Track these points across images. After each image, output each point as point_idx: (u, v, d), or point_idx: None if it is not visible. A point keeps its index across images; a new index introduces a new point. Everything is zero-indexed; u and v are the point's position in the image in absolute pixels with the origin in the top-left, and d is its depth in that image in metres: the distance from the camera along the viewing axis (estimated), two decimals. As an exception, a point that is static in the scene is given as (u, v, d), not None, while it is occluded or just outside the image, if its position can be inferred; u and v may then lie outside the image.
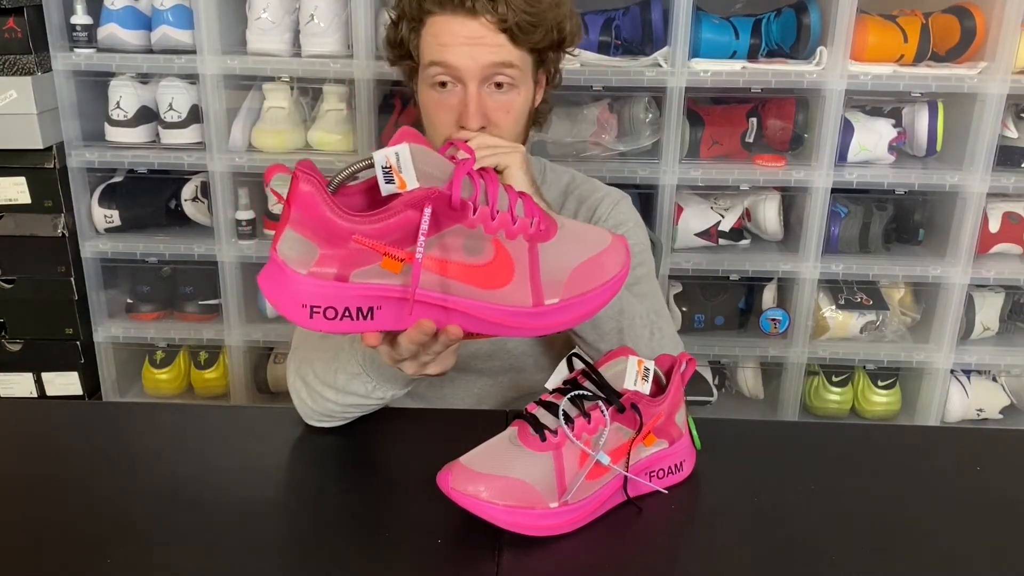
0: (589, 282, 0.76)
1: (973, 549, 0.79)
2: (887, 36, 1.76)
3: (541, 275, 0.74)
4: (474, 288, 0.72)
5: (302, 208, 0.67)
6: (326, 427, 0.98)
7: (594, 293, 0.76)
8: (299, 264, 0.68)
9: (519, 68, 1.07)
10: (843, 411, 2.05)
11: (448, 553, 0.77)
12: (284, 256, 0.68)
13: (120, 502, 0.84)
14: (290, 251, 0.68)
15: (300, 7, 1.78)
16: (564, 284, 0.75)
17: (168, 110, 1.85)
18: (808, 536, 0.81)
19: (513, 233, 0.73)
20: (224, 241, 1.90)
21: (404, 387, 0.94)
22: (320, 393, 0.95)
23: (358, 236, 0.67)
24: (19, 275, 1.92)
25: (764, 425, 1.26)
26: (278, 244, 0.69)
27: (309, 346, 1.00)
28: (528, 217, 0.74)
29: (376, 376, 0.92)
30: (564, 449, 0.78)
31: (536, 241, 0.74)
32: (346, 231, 0.67)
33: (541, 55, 1.11)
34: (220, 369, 2.06)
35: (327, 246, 0.68)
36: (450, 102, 1.06)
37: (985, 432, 1.36)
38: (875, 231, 1.92)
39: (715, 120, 1.89)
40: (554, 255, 0.75)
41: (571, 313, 0.76)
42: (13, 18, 1.77)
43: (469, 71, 1.04)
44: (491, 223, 0.72)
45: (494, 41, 1.04)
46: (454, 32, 1.04)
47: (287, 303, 0.69)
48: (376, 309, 0.71)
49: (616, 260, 0.78)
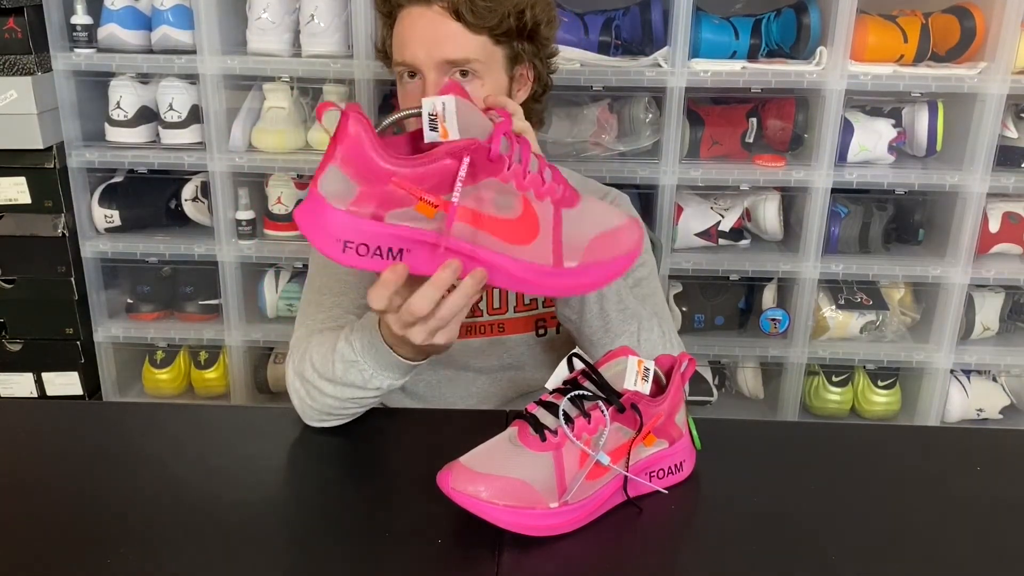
0: (605, 252, 0.79)
1: (973, 549, 0.80)
2: (887, 36, 1.76)
3: (563, 238, 0.77)
4: (501, 241, 0.75)
5: (347, 146, 0.70)
6: (326, 427, 0.98)
7: (609, 263, 0.80)
8: (338, 200, 0.71)
9: (480, 61, 1.06)
10: (843, 411, 2.05)
11: (448, 553, 0.77)
12: (324, 191, 0.71)
13: (120, 502, 0.84)
14: (330, 187, 0.71)
15: (300, 7, 1.78)
16: (583, 250, 0.78)
17: (168, 110, 1.85)
18: (808, 536, 0.81)
19: (542, 194, 0.76)
20: (224, 241, 1.90)
21: (401, 376, 0.93)
22: (319, 388, 0.95)
23: (397, 178, 0.70)
24: (19, 275, 1.92)
25: (764, 425, 1.26)
26: (319, 179, 0.71)
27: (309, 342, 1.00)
28: (556, 183, 0.78)
29: (373, 363, 0.91)
30: (564, 449, 0.78)
31: (561, 206, 0.78)
32: (386, 173, 0.70)
33: (508, 46, 1.10)
34: (220, 369, 2.06)
35: (366, 185, 0.71)
36: (416, 93, 1.08)
37: (985, 432, 1.36)
38: (875, 231, 1.92)
39: (715, 120, 1.89)
40: (576, 222, 0.79)
41: (586, 278, 0.79)
42: (13, 18, 1.77)
43: (425, 64, 1.05)
44: (523, 181, 0.75)
45: (449, 31, 1.05)
46: (413, 27, 1.06)
47: (322, 237, 0.72)
48: (406, 251, 0.74)
49: (631, 238, 0.81)
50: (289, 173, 1.90)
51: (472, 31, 1.05)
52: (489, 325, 1.17)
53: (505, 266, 0.76)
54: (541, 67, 1.17)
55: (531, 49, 1.12)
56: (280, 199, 1.92)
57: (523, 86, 1.15)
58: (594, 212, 0.81)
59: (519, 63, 1.12)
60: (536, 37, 1.12)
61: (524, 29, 1.10)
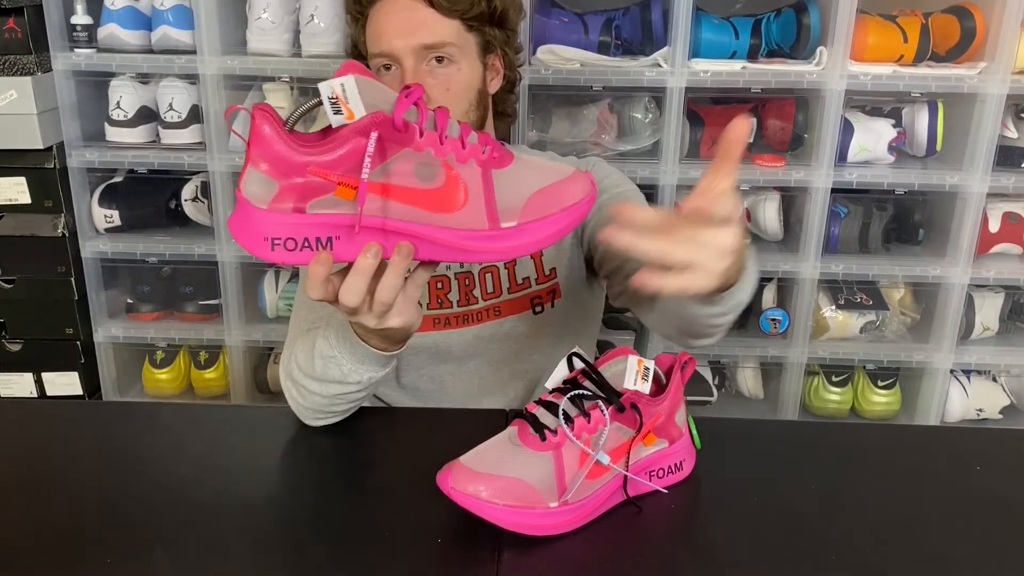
0: (548, 207, 0.75)
1: (973, 549, 0.80)
2: (887, 36, 1.76)
3: (497, 200, 0.74)
4: (427, 212, 0.73)
5: (260, 146, 0.70)
6: (324, 425, 0.98)
7: (555, 217, 0.75)
8: (260, 200, 0.71)
9: (455, 45, 1.10)
10: (843, 411, 2.05)
11: (448, 553, 0.77)
12: (247, 194, 0.71)
13: (120, 502, 0.84)
14: (252, 188, 0.71)
15: (300, 7, 1.78)
16: (521, 210, 0.75)
17: (168, 110, 1.85)
18: (808, 536, 0.81)
19: (464, 157, 0.74)
20: (224, 241, 1.90)
21: (381, 368, 0.93)
22: (306, 387, 0.95)
23: (313, 167, 0.70)
24: (19, 275, 1.92)
25: (764, 425, 1.26)
26: (241, 183, 0.71)
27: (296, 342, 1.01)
28: (481, 145, 0.75)
29: (349, 356, 0.91)
30: (564, 449, 0.78)
31: (490, 167, 0.75)
32: (301, 164, 0.70)
33: (480, 33, 1.14)
34: (220, 369, 2.06)
35: (285, 180, 0.70)
36: (392, 84, 1.09)
37: (985, 432, 1.36)
38: (875, 231, 1.92)
39: (715, 120, 1.89)
40: (510, 182, 0.75)
41: (531, 235, 0.75)
42: (13, 18, 1.77)
43: (402, 51, 1.08)
44: (440, 147, 0.73)
45: (422, 18, 1.08)
46: (388, 18, 1.09)
47: (250, 238, 0.72)
48: (335, 239, 0.72)
49: (579, 189, 0.77)
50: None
51: (445, 15, 1.09)
52: (486, 311, 1.17)
53: (436, 236, 0.73)
54: (512, 56, 1.22)
55: (501, 37, 1.17)
56: (280, 199, 1.92)
57: (496, 75, 1.20)
58: (533, 168, 0.77)
59: (491, 51, 1.17)
60: (505, 23, 1.17)
61: (494, 14, 1.14)
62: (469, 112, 1.14)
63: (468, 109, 1.14)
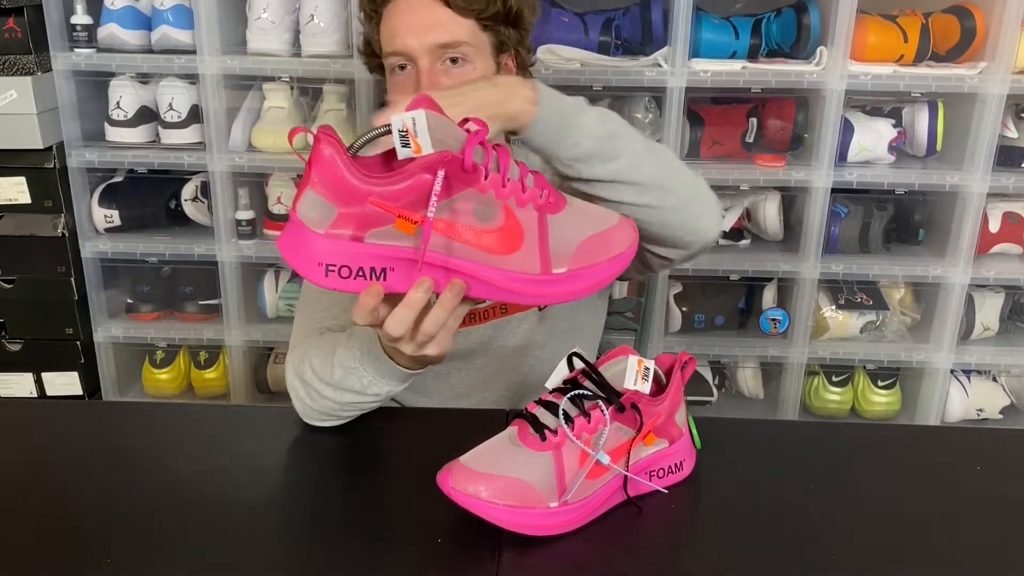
0: (597, 255, 0.77)
1: (973, 549, 0.79)
2: (887, 36, 1.76)
3: (550, 245, 0.76)
4: (483, 253, 0.74)
5: (322, 170, 0.69)
6: (326, 426, 0.98)
7: (602, 266, 0.78)
8: (317, 224, 0.71)
9: (471, 44, 1.09)
10: (843, 411, 2.05)
11: (448, 553, 0.77)
12: (303, 216, 0.71)
13: (120, 502, 0.84)
14: (309, 212, 0.71)
15: (300, 7, 1.78)
16: (572, 255, 0.76)
17: (168, 110, 1.85)
18: (808, 536, 0.81)
19: (523, 201, 0.75)
20: (224, 241, 1.90)
21: (400, 383, 0.93)
22: (318, 391, 0.95)
23: (374, 198, 0.70)
24: (19, 275, 1.92)
25: (764, 425, 1.26)
26: (298, 205, 0.71)
27: (308, 343, 1.00)
28: (538, 188, 0.76)
29: (372, 370, 0.91)
30: (564, 449, 0.78)
31: (545, 212, 0.76)
32: (363, 193, 0.70)
33: (495, 32, 1.12)
34: (220, 369, 2.06)
35: (345, 207, 0.70)
36: (407, 84, 1.09)
37: (985, 432, 1.36)
38: (875, 231, 1.92)
39: (715, 120, 1.89)
40: (562, 227, 0.77)
41: (579, 283, 0.77)
42: (13, 18, 1.77)
43: (418, 51, 1.07)
44: (502, 189, 0.74)
45: (438, 17, 1.07)
46: (402, 17, 1.08)
47: (304, 262, 0.72)
48: (389, 271, 0.73)
49: (624, 238, 0.79)
50: (289, 173, 1.90)
51: (461, 14, 1.08)
52: (492, 309, 1.17)
53: (489, 277, 0.74)
54: (524, 56, 1.20)
55: (515, 36, 1.15)
56: (280, 199, 1.92)
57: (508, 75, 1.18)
58: (583, 215, 0.79)
59: (504, 51, 1.15)
60: (520, 23, 1.15)
61: (510, 13, 1.12)
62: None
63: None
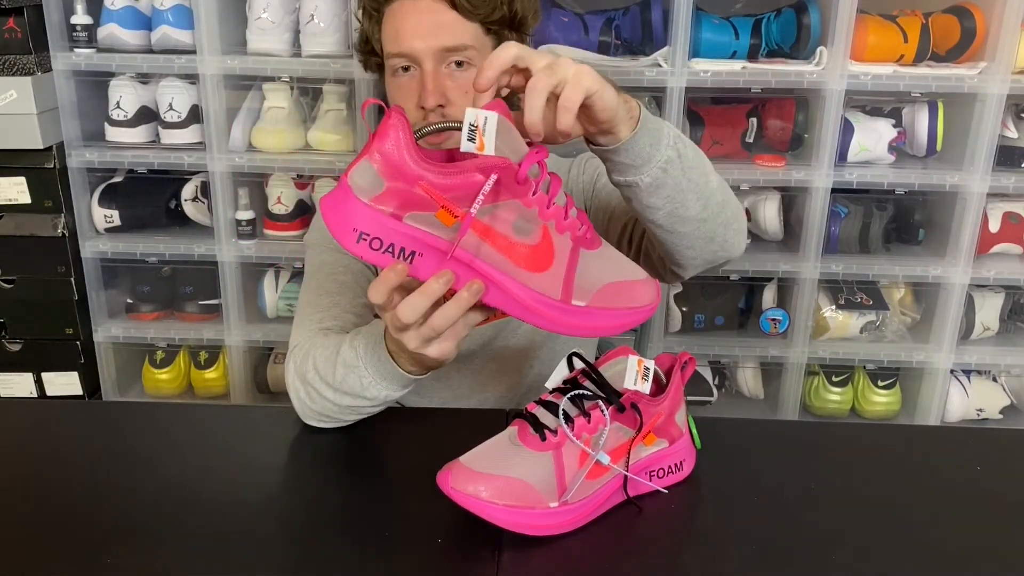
0: (618, 300, 0.78)
1: (973, 549, 0.80)
2: (887, 36, 1.76)
3: (576, 276, 0.76)
4: (512, 263, 0.75)
5: (383, 143, 0.71)
6: (325, 427, 0.98)
7: (620, 312, 0.78)
8: (364, 193, 0.72)
9: (475, 48, 1.09)
10: (843, 411, 2.05)
11: (448, 553, 0.77)
12: (352, 182, 0.73)
13: (120, 502, 0.84)
14: (360, 179, 0.72)
15: (300, 7, 1.78)
16: (594, 293, 0.77)
17: (168, 110, 1.85)
18: (808, 535, 0.81)
19: (563, 228, 0.76)
20: (224, 241, 1.90)
21: (399, 388, 0.93)
22: (318, 391, 0.95)
23: (424, 183, 0.72)
24: (19, 275, 1.92)
25: (764, 425, 1.26)
26: (351, 171, 0.72)
27: (313, 343, 1.00)
28: (580, 222, 0.78)
29: (373, 370, 0.91)
30: (564, 449, 0.78)
31: (580, 245, 0.77)
32: (415, 175, 0.72)
33: (498, 36, 1.12)
34: (220, 369, 2.06)
35: (394, 183, 0.72)
36: (411, 86, 1.09)
37: (985, 432, 1.36)
38: (875, 231, 1.92)
39: (715, 120, 1.89)
40: (592, 264, 0.78)
41: (593, 320, 0.77)
42: (13, 18, 1.77)
43: (423, 53, 1.07)
44: (546, 210, 0.75)
45: (445, 20, 1.07)
46: (407, 19, 1.08)
47: (341, 224, 0.73)
48: (417, 255, 0.74)
49: (647, 294, 0.79)
50: (289, 173, 1.90)
51: (467, 18, 1.08)
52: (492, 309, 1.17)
53: (510, 288, 0.75)
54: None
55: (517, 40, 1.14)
56: (280, 199, 1.92)
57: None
58: (614, 260, 0.80)
59: None
60: (523, 27, 1.16)
61: (515, 18, 1.13)
62: None
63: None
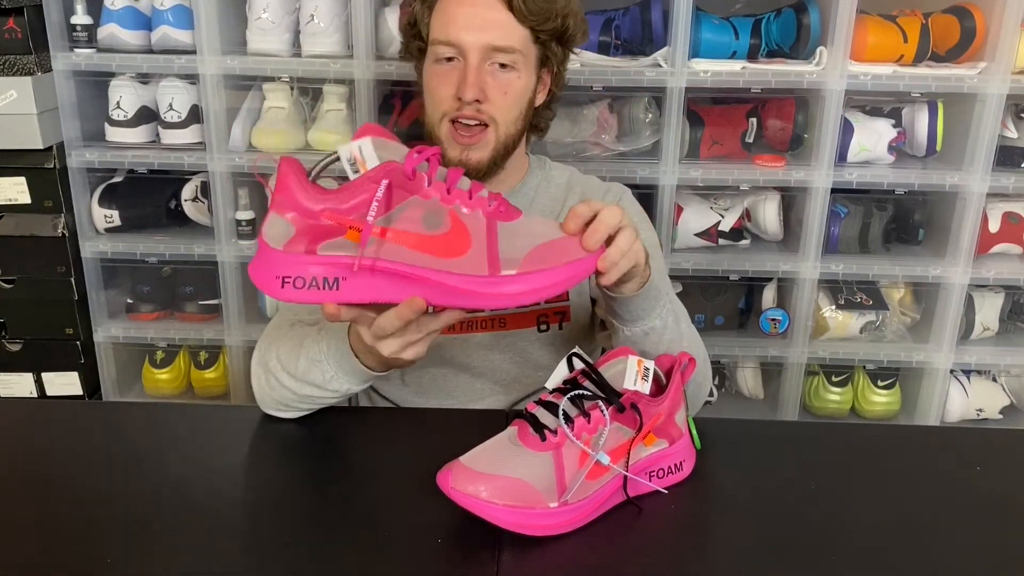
0: (550, 260, 0.78)
1: (973, 549, 0.80)
2: (887, 36, 1.76)
3: (500, 249, 0.78)
4: (430, 256, 0.77)
5: (282, 192, 0.75)
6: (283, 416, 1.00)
7: (557, 270, 0.78)
8: (276, 242, 0.76)
9: (521, 53, 1.10)
10: (843, 411, 2.05)
11: (448, 553, 0.77)
12: (267, 237, 0.76)
13: (120, 502, 0.84)
14: (271, 231, 0.76)
15: (300, 7, 1.78)
16: (523, 259, 0.78)
17: (168, 110, 1.85)
18: (808, 536, 0.81)
19: (471, 206, 0.78)
20: (224, 241, 1.90)
21: (361, 382, 0.96)
22: (279, 380, 0.97)
23: (327, 212, 0.75)
24: (19, 275, 1.91)
25: (764, 425, 1.26)
26: (263, 228, 0.76)
27: (279, 334, 1.02)
28: (488, 199, 0.79)
29: (335, 365, 0.94)
30: (564, 449, 0.78)
31: (495, 219, 0.79)
32: (317, 209, 0.75)
33: (545, 46, 1.14)
34: (220, 369, 2.06)
35: (302, 223, 0.75)
36: (451, 76, 1.10)
37: (985, 432, 1.36)
38: (875, 231, 1.92)
39: (715, 120, 1.89)
40: (514, 234, 0.79)
41: (530, 283, 0.78)
42: (13, 18, 1.76)
43: (471, 46, 1.08)
44: (447, 195, 0.78)
45: (498, 18, 1.08)
46: (462, 10, 1.09)
47: (265, 277, 0.77)
48: (341, 280, 0.76)
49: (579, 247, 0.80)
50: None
51: (520, 21, 1.09)
52: (490, 320, 1.17)
53: (435, 279, 0.77)
54: (562, 75, 1.22)
55: (560, 55, 1.17)
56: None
57: (542, 90, 1.20)
58: (537, 224, 0.81)
59: (545, 66, 1.17)
60: (570, 43, 1.18)
61: (565, 33, 1.15)
62: (517, 120, 1.15)
63: (518, 117, 1.14)
